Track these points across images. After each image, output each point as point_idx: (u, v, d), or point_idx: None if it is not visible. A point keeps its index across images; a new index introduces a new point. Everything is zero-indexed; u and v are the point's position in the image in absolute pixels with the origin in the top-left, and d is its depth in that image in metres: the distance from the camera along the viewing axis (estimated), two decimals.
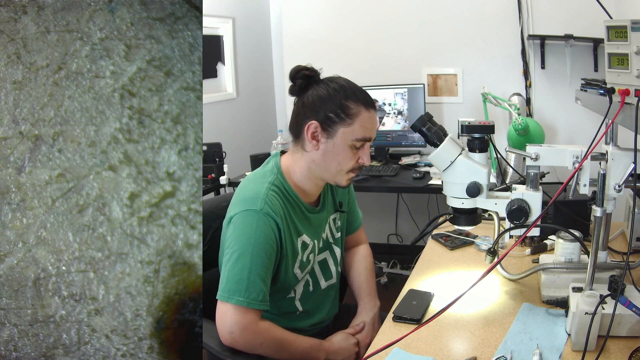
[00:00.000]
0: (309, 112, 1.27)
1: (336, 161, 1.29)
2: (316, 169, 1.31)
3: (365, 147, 1.30)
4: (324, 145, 1.27)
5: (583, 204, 1.52)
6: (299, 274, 1.34)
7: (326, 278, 1.46)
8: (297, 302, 1.38)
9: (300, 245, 1.33)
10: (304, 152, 1.31)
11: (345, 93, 1.27)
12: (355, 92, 1.29)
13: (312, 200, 1.39)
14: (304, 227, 1.34)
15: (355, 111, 1.26)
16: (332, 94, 1.26)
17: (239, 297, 1.17)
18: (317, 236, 1.39)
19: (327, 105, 1.26)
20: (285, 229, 1.27)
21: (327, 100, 1.26)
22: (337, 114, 1.26)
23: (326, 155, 1.28)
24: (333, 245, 1.48)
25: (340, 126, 1.26)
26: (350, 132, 1.26)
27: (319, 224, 1.41)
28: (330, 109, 1.26)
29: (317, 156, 1.29)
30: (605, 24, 1.10)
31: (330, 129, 1.26)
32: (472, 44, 3.16)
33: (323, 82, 1.30)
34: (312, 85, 1.30)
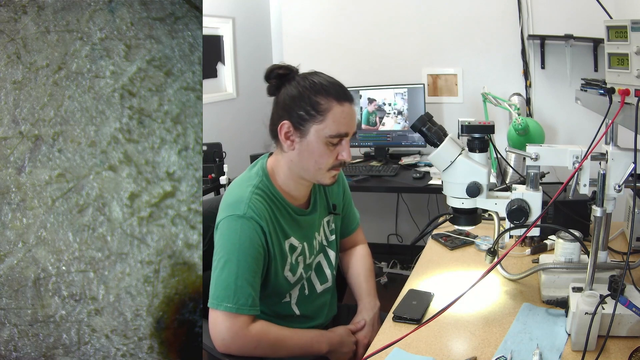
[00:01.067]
0: (281, 111, 1.25)
1: (313, 160, 1.26)
2: (296, 169, 1.29)
3: (344, 142, 1.26)
4: (298, 144, 1.25)
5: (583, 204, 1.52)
6: (290, 277, 1.33)
7: (321, 282, 1.46)
8: (293, 307, 1.38)
9: (288, 247, 1.31)
10: (283, 153, 1.29)
11: (315, 89, 1.23)
12: (326, 86, 1.24)
13: (301, 202, 1.38)
14: (291, 230, 1.33)
15: (326, 106, 1.22)
16: (301, 92, 1.23)
17: (227, 303, 1.17)
18: (306, 239, 1.37)
19: (298, 103, 1.23)
20: (271, 232, 1.26)
21: (297, 98, 1.23)
22: (307, 111, 1.22)
23: (302, 154, 1.26)
24: (327, 249, 1.47)
25: (312, 123, 1.22)
26: (323, 129, 1.22)
27: (309, 226, 1.39)
28: (300, 106, 1.22)
29: (294, 156, 1.27)
30: (605, 24, 1.10)
31: (302, 127, 1.23)
32: (472, 44, 3.16)
33: (295, 80, 1.26)
34: (285, 84, 1.27)
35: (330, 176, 1.30)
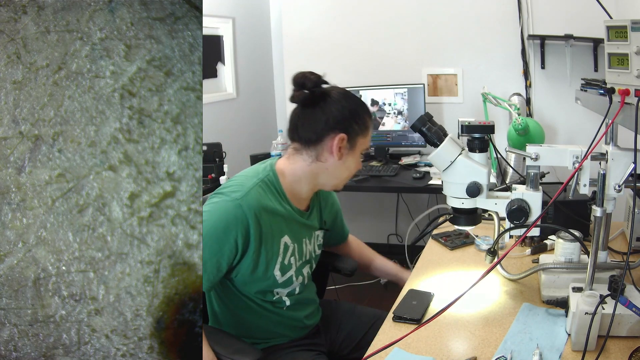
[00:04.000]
0: (333, 123, 1.28)
1: (349, 170, 1.36)
2: (325, 177, 1.34)
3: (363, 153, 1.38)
4: (345, 156, 1.31)
5: (583, 204, 1.52)
6: (279, 276, 1.33)
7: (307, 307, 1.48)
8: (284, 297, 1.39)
9: (282, 246, 1.32)
10: (316, 161, 1.31)
11: (363, 106, 1.34)
12: (365, 105, 1.37)
13: (302, 207, 1.40)
14: (288, 228, 1.34)
15: (369, 123, 1.35)
16: (355, 107, 1.31)
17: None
18: (297, 240, 1.38)
19: (354, 117, 1.30)
20: (265, 225, 1.26)
21: (354, 112, 1.30)
22: (360, 126, 1.31)
23: (344, 164, 1.32)
24: (313, 262, 1.48)
25: (360, 138, 1.32)
26: (365, 143, 1.35)
27: (302, 229, 1.40)
28: (356, 121, 1.30)
29: (334, 166, 1.31)
30: (605, 24, 1.10)
31: (353, 140, 1.31)
32: (472, 44, 3.16)
33: (336, 93, 1.31)
34: (328, 95, 1.30)
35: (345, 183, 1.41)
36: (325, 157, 1.30)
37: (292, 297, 1.39)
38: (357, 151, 1.33)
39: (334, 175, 1.34)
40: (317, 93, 1.29)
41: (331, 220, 1.57)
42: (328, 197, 1.54)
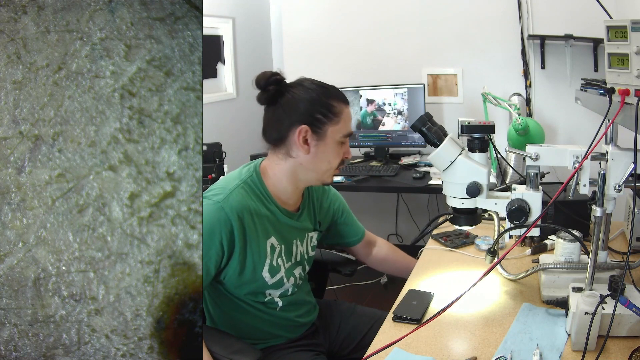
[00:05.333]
0: (294, 116, 1.26)
1: (326, 161, 1.31)
2: (304, 173, 1.32)
3: (346, 142, 1.33)
4: (314, 147, 1.28)
5: (583, 204, 1.52)
6: (268, 277, 1.32)
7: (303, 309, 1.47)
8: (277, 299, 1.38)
9: (269, 247, 1.31)
10: (288, 158, 1.30)
11: (328, 92, 1.29)
12: (334, 90, 1.31)
13: (289, 207, 1.38)
14: (274, 229, 1.32)
15: (339, 109, 1.29)
16: (316, 96, 1.27)
17: None
18: (284, 241, 1.36)
19: (314, 107, 1.26)
20: (250, 228, 1.26)
21: (313, 101, 1.26)
22: (324, 114, 1.27)
23: (317, 157, 1.29)
24: (306, 263, 1.47)
25: (329, 126, 1.28)
26: (338, 130, 1.29)
27: (290, 231, 1.38)
28: (318, 110, 1.26)
29: (306, 159, 1.29)
30: (605, 24, 1.10)
31: (320, 130, 1.27)
32: (472, 44, 3.16)
33: (296, 86, 1.29)
34: (286, 90, 1.28)
35: (333, 175, 1.35)
36: (295, 152, 1.29)
37: (284, 298, 1.39)
38: (329, 141, 1.28)
39: (311, 170, 1.31)
40: (274, 90, 1.28)
41: (329, 221, 1.55)
42: (324, 198, 1.52)
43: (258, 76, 1.29)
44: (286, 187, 1.34)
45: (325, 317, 1.56)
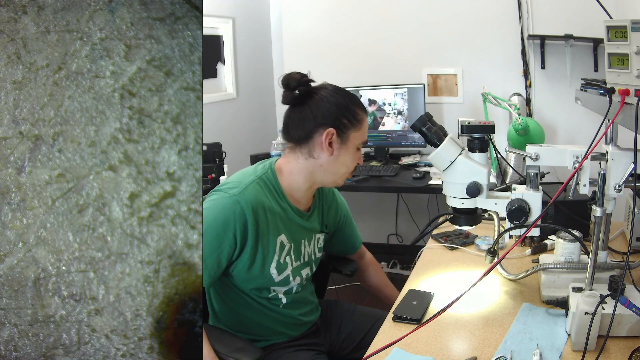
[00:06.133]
0: (321, 119, 1.29)
1: (345, 165, 1.34)
2: (321, 174, 1.34)
3: (361, 148, 1.38)
4: (337, 151, 1.31)
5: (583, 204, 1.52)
6: (275, 274, 1.33)
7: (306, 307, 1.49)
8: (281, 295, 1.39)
9: (278, 244, 1.32)
10: (309, 159, 1.32)
11: (353, 99, 1.34)
12: (357, 99, 1.36)
13: (302, 207, 1.40)
14: (285, 227, 1.34)
15: (362, 117, 1.34)
16: (343, 101, 1.31)
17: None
18: (294, 240, 1.38)
19: (342, 112, 1.30)
20: (262, 222, 1.27)
21: (341, 106, 1.30)
22: (350, 120, 1.31)
23: (338, 160, 1.32)
24: (313, 264, 1.48)
25: (352, 132, 1.32)
26: (359, 137, 1.34)
27: (301, 230, 1.40)
28: (345, 115, 1.30)
29: (328, 161, 1.31)
30: (605, 24, 1.10)
31: (344, 135, 1.31)
32: (472, 44, 3.16)
33: (324, 89, 1.32)
34: (315, 92, 1.31)
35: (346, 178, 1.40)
36: (318, 153, 1.31)
37: (289, 295, 1.40)
38: (350, 145, 1.32)
39: (329, 171, 1.34)
40: (303, 92, 1.30)
41: (334, 226, 1.56)
42: (332, 202, 1.53)
43: (286, 77, 1.31)
44: (301, 186, 1.36)
45: (326, 317, 1.56)
